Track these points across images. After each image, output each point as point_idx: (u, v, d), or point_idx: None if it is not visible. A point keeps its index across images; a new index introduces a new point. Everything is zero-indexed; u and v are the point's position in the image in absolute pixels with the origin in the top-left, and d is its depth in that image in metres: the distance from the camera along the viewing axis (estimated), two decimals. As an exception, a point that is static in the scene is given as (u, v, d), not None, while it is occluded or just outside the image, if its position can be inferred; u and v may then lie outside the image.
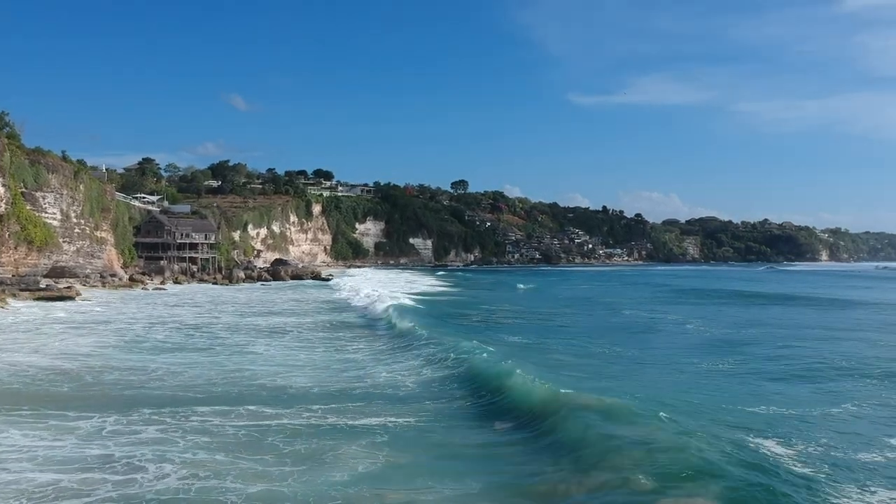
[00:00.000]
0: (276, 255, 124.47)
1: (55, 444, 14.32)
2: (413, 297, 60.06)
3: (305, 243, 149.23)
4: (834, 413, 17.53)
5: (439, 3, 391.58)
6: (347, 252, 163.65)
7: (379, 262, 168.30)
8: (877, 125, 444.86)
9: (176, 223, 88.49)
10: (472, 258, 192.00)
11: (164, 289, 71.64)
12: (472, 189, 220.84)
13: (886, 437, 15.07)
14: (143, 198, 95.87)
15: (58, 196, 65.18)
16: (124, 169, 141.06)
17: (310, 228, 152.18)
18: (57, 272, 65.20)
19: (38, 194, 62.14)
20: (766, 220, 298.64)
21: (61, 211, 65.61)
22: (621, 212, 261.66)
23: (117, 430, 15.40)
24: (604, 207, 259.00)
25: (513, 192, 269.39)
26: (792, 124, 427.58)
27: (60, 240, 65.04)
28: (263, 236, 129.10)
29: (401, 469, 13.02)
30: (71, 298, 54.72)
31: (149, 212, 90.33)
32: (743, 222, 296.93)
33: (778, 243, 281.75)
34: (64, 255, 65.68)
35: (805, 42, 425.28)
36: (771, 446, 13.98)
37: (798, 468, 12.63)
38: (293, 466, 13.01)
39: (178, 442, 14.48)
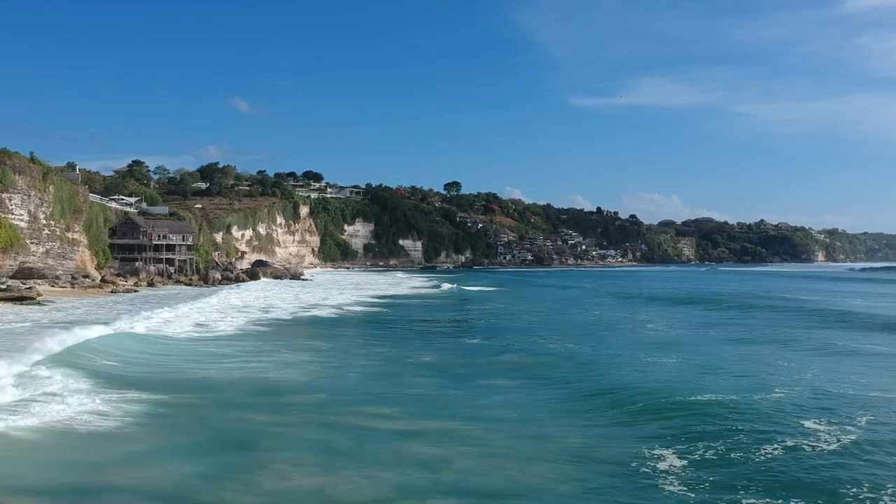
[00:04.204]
0: (262, 257, 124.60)
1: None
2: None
3: (293, 245, 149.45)
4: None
5: (439, 5, 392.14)
6: (336, 254, 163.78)
7: (368, 263, 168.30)
8: (877, 127, 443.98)
9: (153, 225, 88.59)
10: (464, 259, 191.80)
11: (137, 290, 71.77)
12: (471, 191, 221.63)
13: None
14: (121, 199, 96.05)
15: (25, 197, 65.31)
16: (114, 171, 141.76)
17: (297, 230, 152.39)
18: (24, 273, 65.24)
19: (3, 196, 62.28)
20: (762, 220, 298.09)
21: (29, 212, 65.73)
22: (616, 213, 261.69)
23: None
24: (598, 209, 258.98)
25: (513, 194, 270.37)
26: (793, 126, 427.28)
27: (28, 241, 65.16)
28: (248, 238, 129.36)
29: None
30: (31, 299, 54.76)
31: (125, 213, 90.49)
32: (739, 223, 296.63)
33: (773, 244, 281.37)
34: (31, 257, 65.79)
35: (805, 44, 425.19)
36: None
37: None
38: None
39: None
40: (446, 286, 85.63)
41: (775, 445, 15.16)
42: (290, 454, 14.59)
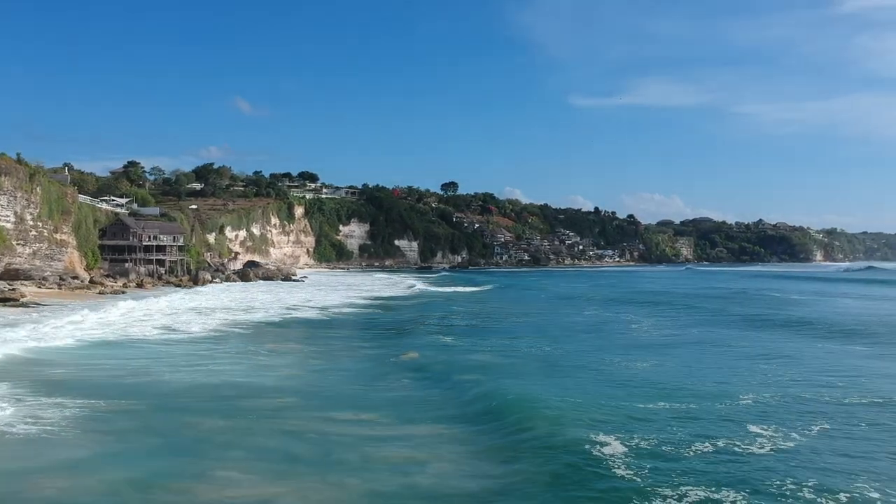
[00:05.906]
0: (256, 258, 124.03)
1: None
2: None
3: (287, 245, 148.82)
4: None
5: (439, 5, 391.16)
6: (331, 254, 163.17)
7: (363, 263, 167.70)
8: (877, 126, 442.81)
9: (143, 225, 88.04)
10: (460, 260, 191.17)
11: (125, 291, 71.25)
12: (470, 191, 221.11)
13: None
14: (111, 200, 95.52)
15: (11, 198, 64.82)
16: (110, 172, 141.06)
17: (292, 231, 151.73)
18: (11, 274, 64.71)
19: (-11, 196, 61.88)
20: (760, 220, 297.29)
21: (15, 213, 65.24)
22: (613, 213, 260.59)
23: None
24: (596, 209, 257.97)
25: (513, 194, 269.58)
26: (793, 126, 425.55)
27: (14, 242, 64.67)
28: (242, 239, 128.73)
29: None
30: (15, 300, 54.18)
31: (116, 214, 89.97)
32: (737, 223, 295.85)
33: (772, 244, 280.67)
34: (18, 258, 65.30)
35: (805, 44, 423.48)
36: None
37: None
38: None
39: None
40: (420, 287, 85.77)
41: (710, 443, 15.00)
42: (239, 462, 13.95)
